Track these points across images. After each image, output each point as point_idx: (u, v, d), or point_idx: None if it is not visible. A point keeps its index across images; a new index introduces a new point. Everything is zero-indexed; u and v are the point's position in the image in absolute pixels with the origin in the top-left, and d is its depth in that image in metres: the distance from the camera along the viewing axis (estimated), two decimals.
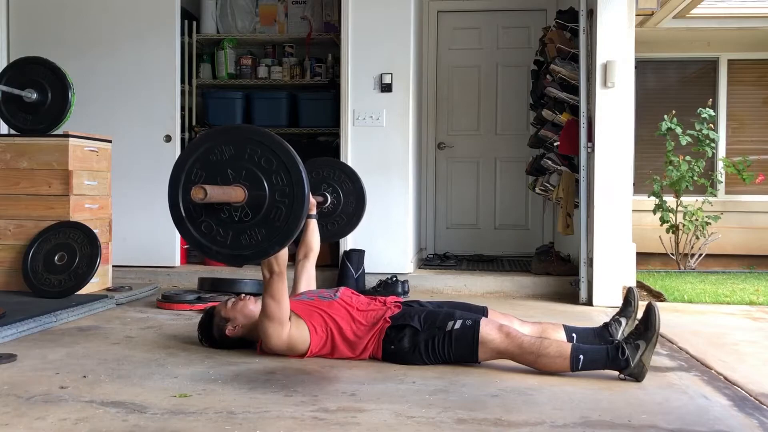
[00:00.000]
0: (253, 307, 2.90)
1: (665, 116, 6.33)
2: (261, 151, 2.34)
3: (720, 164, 6.83)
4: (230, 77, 6.26)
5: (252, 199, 2.33)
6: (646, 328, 2.57)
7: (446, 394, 2.38)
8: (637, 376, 2.54)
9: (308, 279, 3.30)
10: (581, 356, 2.58)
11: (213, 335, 2.97)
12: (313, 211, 3.37)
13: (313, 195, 3.54)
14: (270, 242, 2.34)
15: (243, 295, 3.01)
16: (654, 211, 6.30)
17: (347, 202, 3.82)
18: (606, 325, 2.90)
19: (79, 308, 3.74)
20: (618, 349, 2.56)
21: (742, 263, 6.71)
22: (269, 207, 2.33)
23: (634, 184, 4.61)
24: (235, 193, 2.31)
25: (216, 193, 2.23)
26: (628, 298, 3.00)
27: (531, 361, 2.64)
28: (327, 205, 3.75)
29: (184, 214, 2.39)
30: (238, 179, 2.35)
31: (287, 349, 2.77)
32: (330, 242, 4.53)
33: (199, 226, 2.38)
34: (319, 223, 3.46)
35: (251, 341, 2.91)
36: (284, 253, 2.57)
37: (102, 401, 2.26)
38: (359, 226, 3.91)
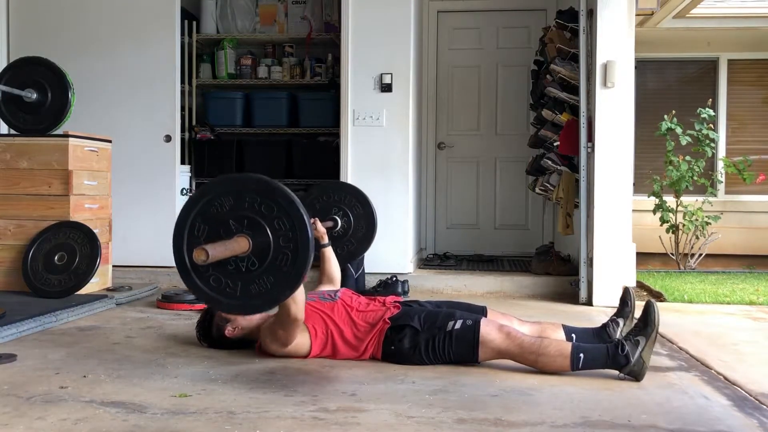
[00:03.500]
0: None
1: (665, 116, 6.33)
2: (260, 199, 2.35)
3: (720, 164, 6.83)
4: (230, 77, 6.27)
5: (257, 248, 2.33)
6: (645, 324, 2.58)
7: (446, 394, 2.38)
8: (637, 373, 2.54)
9: (329, 282, 3.38)
10: (581, 355, 2.58)
11: (212, 335, 2.97)
12: (325, 239, 3.31)
13: (322, 220, 3.56)
14: (279, 289, 2.35)
15: None
16: (654, 211, 6.29)
17: (358, 227, 3.83)
18: (604, 326, 2.89)
19: (79, 308, 3.74)
20: (618, 347, 2.56)
21: (742, 263, 6.70)
22: (275, 253, 2.33)
23: (634, 184, 4.60)
24: (239, 245, 2.31)
25: (218, 251, 2.22)
26: (625, 298, 2.98)
27: (531, 361, 2.64)
28: (337, 229, 3.77)
29: (191, 270, 2.39)
30: (240, 229, 2.35)
31: (288, 354, 2.77)
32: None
33: (208, 280, 2.38)
34: None
35: (251, 341, 2.91)
36: (300, 293, 2.54)
37: (102, 401, 2.26)
38: None
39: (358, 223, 3.83)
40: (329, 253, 3.43)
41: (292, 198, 2.34)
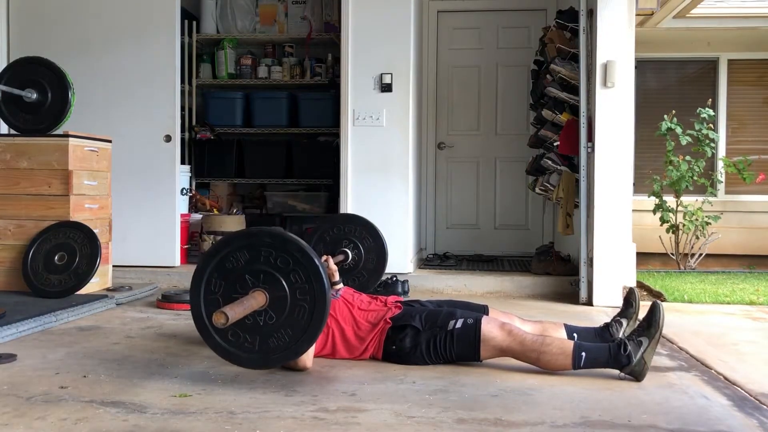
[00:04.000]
0: None
1: (665, 116, 6.33)
2: (276, 252, 2.35)
3: (720, 164, 6.83)
4: (230, 77, 6.27)
5: (274, 302, 2.35)
6: (650, 325, 2.57)
7: (446, 394, 2.38)
8: (638, 374, 2.54)
9: None
10: (583, 353, 2.58)
11: None
12: (336, 277, 3.29)
13: (333, 254, 3.57)
14: (298, 342, 2.37)
15: None
16: (654, 211, 6.30)
17: (368, 258, 3.85)
18: (607, 326, 2.89)
19: (79, 308, 3.74)
20: (620, 346, 2.55)
21: (742, 263, 6.70)
22: (292, 307, 2.35)
23: (634, 184, 4.61)
24: (256, 301, 2.32)
25: (237, 312, 2.23)
26: (629, 299, 2.99)
27: (533, 359, 2.63)
28: (348, 261, 3.79)
29: (209, 326, 2.39)
30: (257, 284, 2.36)
31: None
32: None
33: (226, 336, 2.40)
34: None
35: None
36: (312, 347, 2.54)
37: (102, 401, 2.26)
38: None
39: (368, 255, 3.86)
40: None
41: (306, 250, 2.35)
